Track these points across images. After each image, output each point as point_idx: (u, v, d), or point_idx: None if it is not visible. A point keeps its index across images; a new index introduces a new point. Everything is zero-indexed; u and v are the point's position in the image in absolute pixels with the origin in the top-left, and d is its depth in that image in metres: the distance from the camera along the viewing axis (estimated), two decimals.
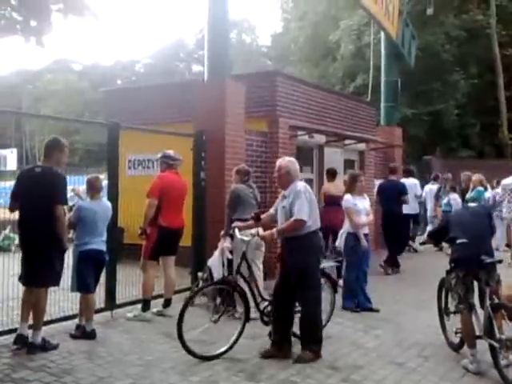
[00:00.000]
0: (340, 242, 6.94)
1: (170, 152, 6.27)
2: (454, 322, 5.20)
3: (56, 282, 4.91)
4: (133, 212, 6.69)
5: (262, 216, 5.20)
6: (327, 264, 5.88)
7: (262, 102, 9.17)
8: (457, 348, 5.16)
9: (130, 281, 6.59)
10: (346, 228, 6.86)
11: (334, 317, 6.20)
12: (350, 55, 22.45)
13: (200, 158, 7.43)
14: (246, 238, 5.14)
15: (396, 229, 9.57)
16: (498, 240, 10.47)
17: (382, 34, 13.95)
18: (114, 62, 40.32)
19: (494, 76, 22.07)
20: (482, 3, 22.58)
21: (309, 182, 10.27)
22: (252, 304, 5.10)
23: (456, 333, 5.14)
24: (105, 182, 6.07)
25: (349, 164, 11.78)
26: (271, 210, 5.22)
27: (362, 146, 11.73)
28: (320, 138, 10.25)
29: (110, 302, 6.13)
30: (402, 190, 9.78)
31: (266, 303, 5.18)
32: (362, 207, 6.77)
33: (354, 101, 12.57)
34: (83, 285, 5.25)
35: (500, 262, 4.89)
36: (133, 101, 9.99)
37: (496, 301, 4.60)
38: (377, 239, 10.56)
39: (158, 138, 7.36)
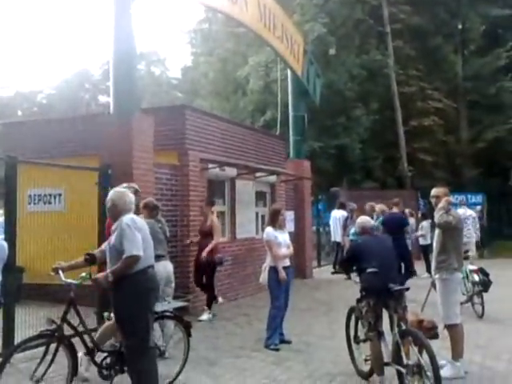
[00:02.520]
0: (264, 277, 6.79)
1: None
2: (364, 351, 5.32)
3: None
4: (33, 249, 6.30)
5: (95, 252, 4.66)
6: (173, 305, 5.39)
7: (172, 135, 9.09)
8: (366, 376, 5.25)
9: (30, 323, 6.15)
10: (268, 262, 6.78)
11: (247, 351, 6.13)
12: (258, 90, 22.98)
13: (105, 193, 7.14)
14: (74, 282, 4.48)
15: (401, 259, 10.06)
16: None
17: (289, 72, 14.45)
18: (14, 93, 38.39)
19: (393, 112, 23.47)
20: (381, 44, 24.10)
21: (221, 214, 10.28)
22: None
23: (365, 360, 5.25)
24: (2, 219, 5.69)
25: (260, 196, 11.93)
26: (103, 246, 4.68)
27: (272, 178, 11.94)
28: (231, 171, 10.30)
29: (8, 347, 5.65)
30: (404, 222, 10.56)
31: (105, 354, 4.60)
32: (282, 240, 6.78)
33: (264, 134, 12.83)
34: None
35: (407, 289, 5.09)
36: (34, 134, 9.54)
37: (403, 327, 4.75)
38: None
39: (62, 171, 7.04)
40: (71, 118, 11.50)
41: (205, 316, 8.21)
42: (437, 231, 5.79)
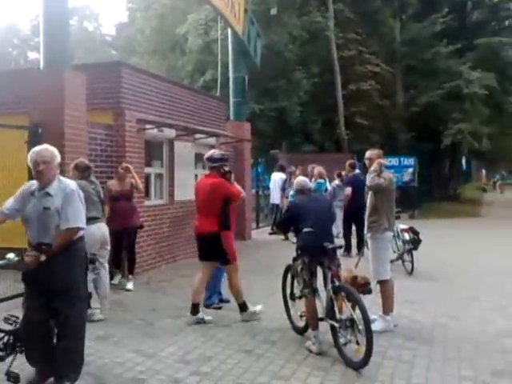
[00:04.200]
0: None
1: (211, 152, 6.25)
2: (299, 307, 5.48)
3: None
4: None
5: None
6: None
7: (107, 93, 8.77)
8: (301, 331, 5.43)
9: None
10: None
11: (185, 311, 6.15)
12: (198, 49, 22.49)
13: None
14: None
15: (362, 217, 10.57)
16: (338, 227, 11.25)
17: (229, 31, 14.17)
18: None
19: (333, 76, 23.67)
20: (322, 6, 24.04)
21: (159, 176, 10.14)
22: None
23: (301, 316, 5.42)
24: None
25: (200, 158, 11.80)
26: (5, 210, 4.11)
27: (212, 140, 11.82)
28: (170, 132, 10.11)
29: None
30: (365, 183, 10.91)
31: (2, 335, 4.04)
32: None
33: (204, 95, 12.60)
34: None
35: (341, 247, 5.23)
36: None
37: (337, 284, 4.92)
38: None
39: None
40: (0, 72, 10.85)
41: (131, 284, 7.79)
42: (369, 193, 5.98)
